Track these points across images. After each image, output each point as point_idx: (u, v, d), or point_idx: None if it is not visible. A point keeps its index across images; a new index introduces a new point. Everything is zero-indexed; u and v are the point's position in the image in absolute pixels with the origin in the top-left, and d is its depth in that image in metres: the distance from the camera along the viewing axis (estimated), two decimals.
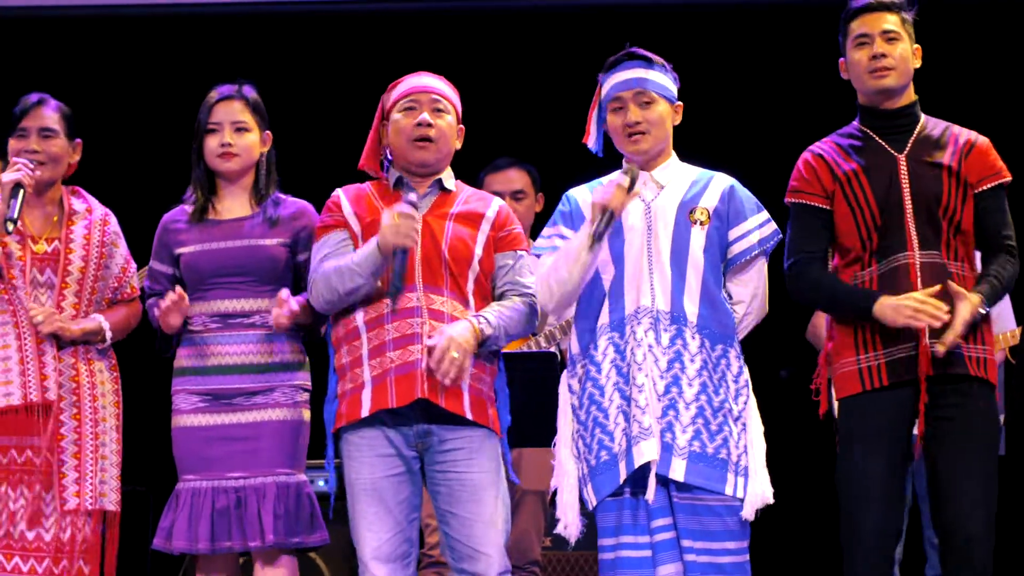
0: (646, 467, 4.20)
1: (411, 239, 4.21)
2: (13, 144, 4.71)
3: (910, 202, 4.35)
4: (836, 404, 5.64)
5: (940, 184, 4.36)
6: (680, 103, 4.45)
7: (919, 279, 4.32)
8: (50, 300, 4.65)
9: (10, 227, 4.53)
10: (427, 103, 4.39)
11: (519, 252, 4.44)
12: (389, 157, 4.46)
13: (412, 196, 4.29)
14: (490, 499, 4.27)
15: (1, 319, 4.64)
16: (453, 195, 4.44)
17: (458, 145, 4.48)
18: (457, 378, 4.20)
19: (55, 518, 4.60)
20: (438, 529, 4.40)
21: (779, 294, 4.50)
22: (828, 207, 4.42)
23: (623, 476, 4.21)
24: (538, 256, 4.44)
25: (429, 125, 4.36)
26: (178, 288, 4.58)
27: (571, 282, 4.32)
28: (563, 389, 4.41)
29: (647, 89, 4.36)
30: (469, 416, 4.27)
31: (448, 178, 4.46)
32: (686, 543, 4.18)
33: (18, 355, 4.61)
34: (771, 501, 4.28)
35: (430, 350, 4.19)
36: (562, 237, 4.43)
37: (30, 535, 4.59)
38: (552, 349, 5.40)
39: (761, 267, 4.42)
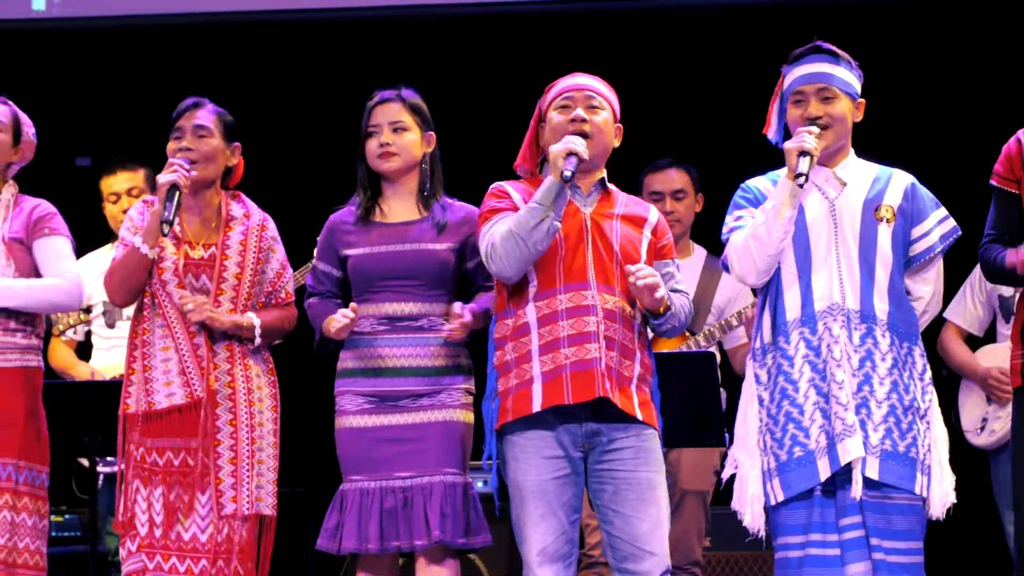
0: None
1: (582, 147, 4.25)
2: (170, 146, 4.76)
3: None
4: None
5: None
6: (863, 100, 4.39)
7: None
8: None
9: (166, 229, 4.58)
10: (581, 100, 4.39)
11: (675, 261, 4.45)
12: (547, 157, 4.42)
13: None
14: (657, 499, 4.28)
15: (158, 323, 4.68)
16: (613, 196, 4.44)
17: (616, 143, 4.46)
18: (652, 288, 4.21)
19: (211, 520, 4.63)
20: (599, 528, 4.40)
21: None
22: (1016, 191, 4.37)
23: (825, 474, 4.18)
24: (726, 240, 4.37)
25: (584, 120, 4.36)
26: (352, 305, 4.61)
27: (771, 243, 4.24)
28: (749, 379, 4.36)
29: (831, 84, 4.31)
30: (639, 416, 4.28)
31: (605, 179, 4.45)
32: (875, 541, 4.16)
33: (176, 355, 4.65)
34: (954, 500, 4.26)
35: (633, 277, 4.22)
36: (752, 217, 4.35)
37: (186, 536, 4.61)
38: (711, 348, 5.38)
39: (939, 264, 4.40)
